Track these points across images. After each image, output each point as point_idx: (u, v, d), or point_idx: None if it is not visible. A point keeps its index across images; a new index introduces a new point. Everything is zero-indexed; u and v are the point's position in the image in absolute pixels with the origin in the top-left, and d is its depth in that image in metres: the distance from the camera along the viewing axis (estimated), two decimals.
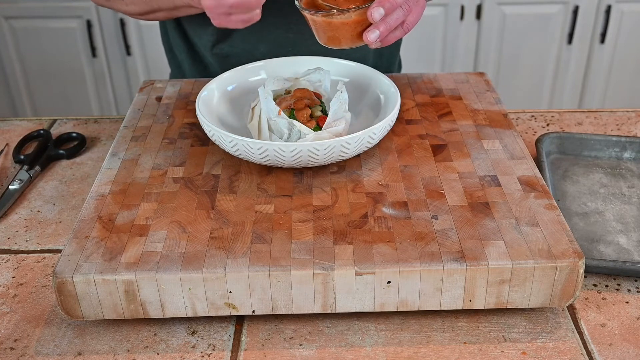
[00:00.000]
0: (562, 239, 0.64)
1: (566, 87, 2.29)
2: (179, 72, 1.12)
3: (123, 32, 2.17)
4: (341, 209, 0.69)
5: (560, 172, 0.86)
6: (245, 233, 0.66)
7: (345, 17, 0.74)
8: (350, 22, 0.74)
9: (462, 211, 0.68)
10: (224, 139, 0.72)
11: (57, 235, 0.78)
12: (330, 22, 0.75)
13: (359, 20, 0.74)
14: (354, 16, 0.74)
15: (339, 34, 0.76)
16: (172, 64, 1.13)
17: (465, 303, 0.64)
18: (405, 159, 0.77)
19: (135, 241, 0.66)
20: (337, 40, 0.77)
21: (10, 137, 0.98)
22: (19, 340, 0.65)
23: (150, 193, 0.72)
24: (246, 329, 0.66)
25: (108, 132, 0.98)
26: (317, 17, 0.75)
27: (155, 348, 0.64)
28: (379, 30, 0.74)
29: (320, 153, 0.70)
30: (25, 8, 2.15)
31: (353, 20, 0.74)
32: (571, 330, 0.65)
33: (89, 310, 0.63)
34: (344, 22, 0.74)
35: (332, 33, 0.76)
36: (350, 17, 0.74)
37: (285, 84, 0.83)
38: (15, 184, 0.85)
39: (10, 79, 2.28)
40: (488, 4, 2.15)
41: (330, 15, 0.74)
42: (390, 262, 0.62)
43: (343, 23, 0.74)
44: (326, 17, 0.74)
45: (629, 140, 0.87)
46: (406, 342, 0.64)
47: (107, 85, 2.29)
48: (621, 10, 2.15)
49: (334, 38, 0.77)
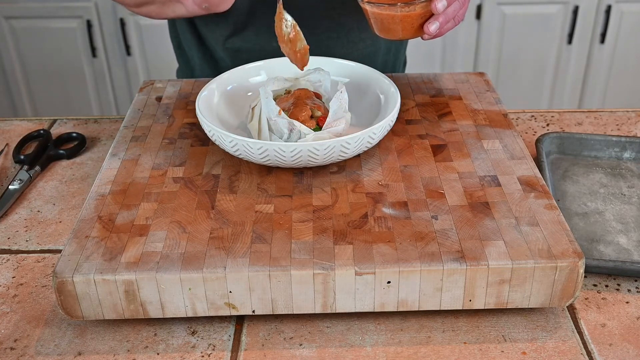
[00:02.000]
0: (562, 239, 0.64)
1: (566, 87, 2.29)
2: (187, 67, 1.12)
3: (123, 32, 2.18)
4: (341, 209, 0.69)
5: (560, 172, 0.86)
6: (245, 233, 0.66)
7: (409, 10, 0.75)
8: (413, 14, 0.76)
9: (462, 211, 0.68)
10: (224, 139, 0.72)
11: (57, 235, 0.78)
12: (393, 15, 0.76)
13: (421, 13, 0.76)
14: (417, 9, 0.75)
15: (399, 26, 0.78)
16: (181, 59, 1.12)
17: (465, 303, 0.64)
18: (405, 159, 0.77)
19: (135, 241, 0.66)
20: (396, 32, 0.79)
21: (10, 137, 0.98)
22: (19, 340, 0.65)
23: (150, 193, 0.72)
24: (246, 329, 0.66)
25: (108, 132, 0.98)
26: (383, 11, 0.76)
27: (155, 348, 0.64)
28: (439, 22, 0.76)
29: (320, 153, 0.70)
30: (25, 8, 2.15)
31: (416, 13, 0.76)
32: (571, 330, 0.65)
33: (89, 310, 0.63)
34: (407, 15, 0.76)
35: (392, 25, 0.78)
36: (414, 9, 0.75)
37: (285, 84, 0.83)
38: (15, 184, 0.85)
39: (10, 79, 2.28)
40: (488, 4, 2.15)
41: (394, 8, 0.75)
42: (390, 262, 0.62)
43: (406, 15, 0.76)
44: (391, 11, 0.76)
45: (629, 140, 0.87)
46: (406, 342, 0.64)
47: (107, 85, 2.29)
48: (621, 10, 2.15)
49: (393, 30, 0.78)
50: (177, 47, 1.11)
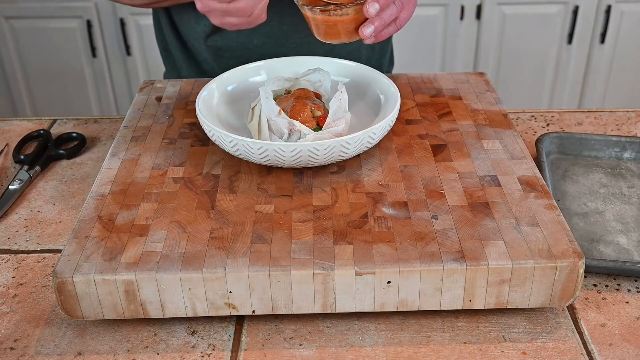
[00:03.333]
0: (562, 239, 0.64)
1: (566, 87, 2.29)
2: (173, 70, 1.12)
3: (123, 32, 2.18)
4: (341, 209, 0.69)
5: (560, 172, 0.86)
6: (245, 233, 0.66)
7: (342, 14, 0.76)
8: (347, 18, 0.77)
9: (462, 211, 0.68)
10: (224, 139, 0.72)
11: (57, 235, 0.78)
12: (327, 19, 0.77)
13: (355, 17, 0.77)
14: (350, 12, 0.76)
15: (336, 30, 0.79)
16: (167, 62, 1.13)
17: (465, 303, 0.64)
18: (405, 159, 0.77)
19: (135, 241, 0.66)
20: (334, 36, 0.80)
21: (10, 137, 0.98)
22: (19, 340, 0.65)
23: (150, 193, 0.72)
24: (246, 329, 0.66)
25: (108, 132, 0.98)
26: (316, 15, 0.77)
27: (155, 348, 0.64)
28: (374, 25, 0.77)
29: (320, 153, 0.70)
30: (25, 8, 2.15)
31: (350, 17, 0.77)
32: (571, 330, 0.65)
33: (89, 310, 0.63)
34: (341, 19, 0.77)
35: (329, 29, 0.79)
36: (347, 13, 0.76)
37: (285, 84, 0.83)
38: (15, 184, 0.85)
39: (10, 79, 2.28)
40: (488, 4, 2.15)
41: (328, 12, 0.76)
42: (390, 262, 0.62)
43: (340, 19, 0.77)
44: (324, 15, 0.77)
45: (629, 140, 0.87)
46: (406, 342, 0.64)
47: (107, 85, 2.29)
48: (621, 10, 2.15)
49: (331, 34, 0.79)
50: (164, 50, 1.12)
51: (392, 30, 0.80)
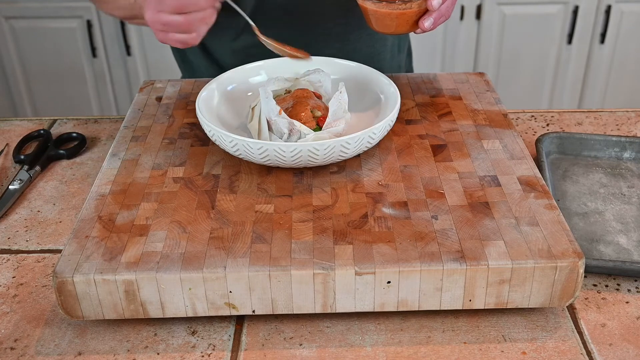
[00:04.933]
0: (562, 239, 0.64)
1: (566, 87, 2.29)
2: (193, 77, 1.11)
3: (123, 32, 2.17)
4: (341, 209, 0.69)
5: (560, 172, 0.86)
6: (245, 233, 0.66)
7: (406, 8, 0.79)
8: (410, 12, 0.79)
9: (462, 211, 0.68)
10: (224, 139, 0.72)
11: (57, 235, 0.78)
12: (390, 12, 0.79)
13: (417, 11, 0.79)
14: (414, 6, 0.78)
15: (395, 23, 0.81)
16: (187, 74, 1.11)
17: (465, 303, 0.64)
18: (405, 159, 0.77)
19: (136, 241, 0.66)
20: (391, 28, 0.82)
21: (10, 137, 0.98)
22: (19, 340, 0.65)
23: (150, 193, 0.72)
24: (246, 329, 0.66)
25: (108, 132, 0.98)
26: (381, 8, 0.79)
27: (155, 348, 0.64)
28: (433, 18, 0.80)
29: (320, 153, 0.70)
30: (25, 8, 2.15)
31: (412, 11, 0.79)
32: (571, 330, 0.65)
33: (89, 310, 0.63)
34: (403, 12, 0.79)
35: (390, 21, 0.81)
36: (411, 7, 0.78)
37: (285, 84, 0.83)
38: (15, 184, 0.85)
39: (10, 79, 2.28)
40: (488, 4, 2.15)
41: (392, 5, 0.78)
42: (390, 262, 0.62)
43: (402, 13, 0.79)
44: (389, 8, 0.79)
45: (629, 140, 0.87)
46: (406, 342, 0.64)
47: (107, 85, 2.29)
48: (621, 10, 2.15)
49: (389, 26, 0.81)
50: (182, 62, 1.11)
51: (442, 21, 0.82)
